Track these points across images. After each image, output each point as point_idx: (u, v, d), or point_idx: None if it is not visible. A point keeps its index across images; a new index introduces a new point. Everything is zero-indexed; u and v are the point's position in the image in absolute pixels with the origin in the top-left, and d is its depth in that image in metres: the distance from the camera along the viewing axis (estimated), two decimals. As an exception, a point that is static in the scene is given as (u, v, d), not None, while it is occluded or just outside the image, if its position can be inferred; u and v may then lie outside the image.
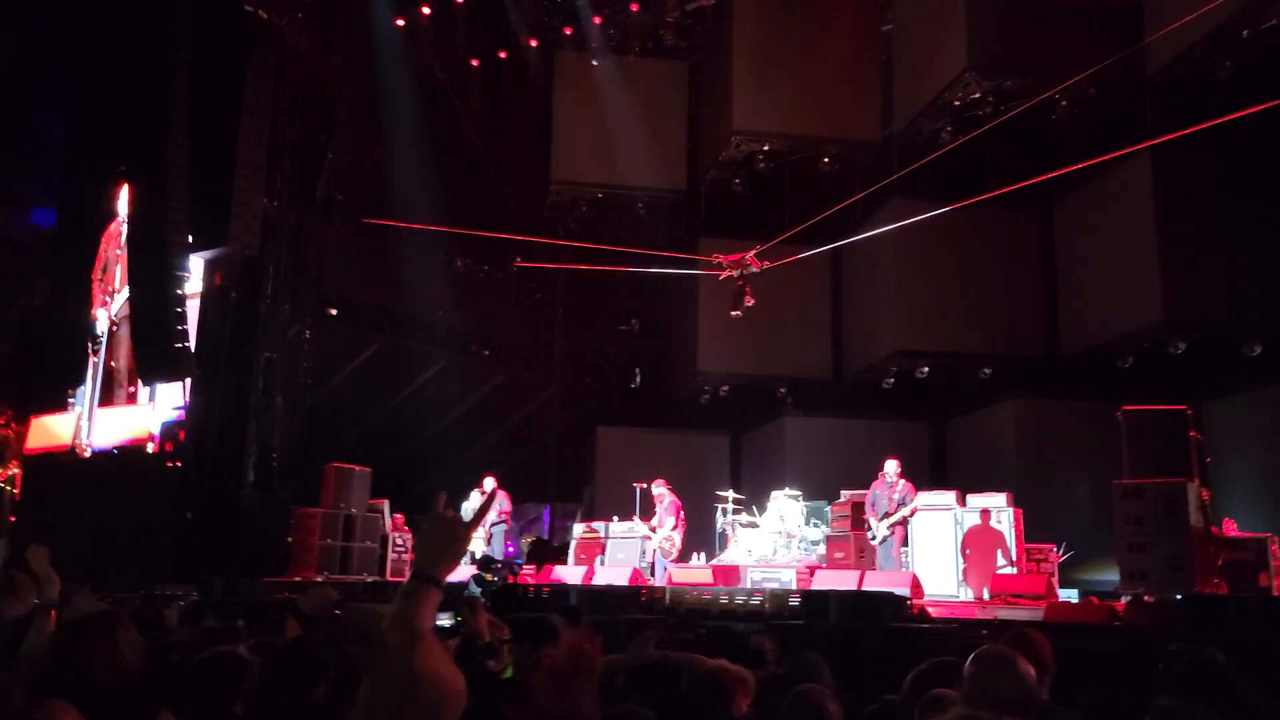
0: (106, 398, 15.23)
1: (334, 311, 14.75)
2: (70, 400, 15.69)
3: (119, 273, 15.38)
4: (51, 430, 15.45)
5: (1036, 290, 15.40)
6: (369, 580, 12.28)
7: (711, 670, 3.33)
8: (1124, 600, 8.09)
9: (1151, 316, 12.73)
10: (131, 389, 15.05)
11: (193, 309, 13.20)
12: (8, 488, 17.40)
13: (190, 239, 12.58)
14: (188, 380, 13.18)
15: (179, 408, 13.55)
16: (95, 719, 1.98)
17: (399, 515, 14.35)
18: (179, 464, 13.17)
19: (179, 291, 12.46)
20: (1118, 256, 13.52)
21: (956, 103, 14.11)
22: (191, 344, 12.66)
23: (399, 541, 13.83)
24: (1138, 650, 5.77)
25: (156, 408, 14.04)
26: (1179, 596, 7.37)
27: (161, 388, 13.84)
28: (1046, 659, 3.12)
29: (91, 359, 15.51)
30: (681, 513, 12.54)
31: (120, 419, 14.74)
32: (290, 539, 12.71)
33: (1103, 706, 4.05)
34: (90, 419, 15.16)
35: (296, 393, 13.63)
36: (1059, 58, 12.44)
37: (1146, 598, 7.85)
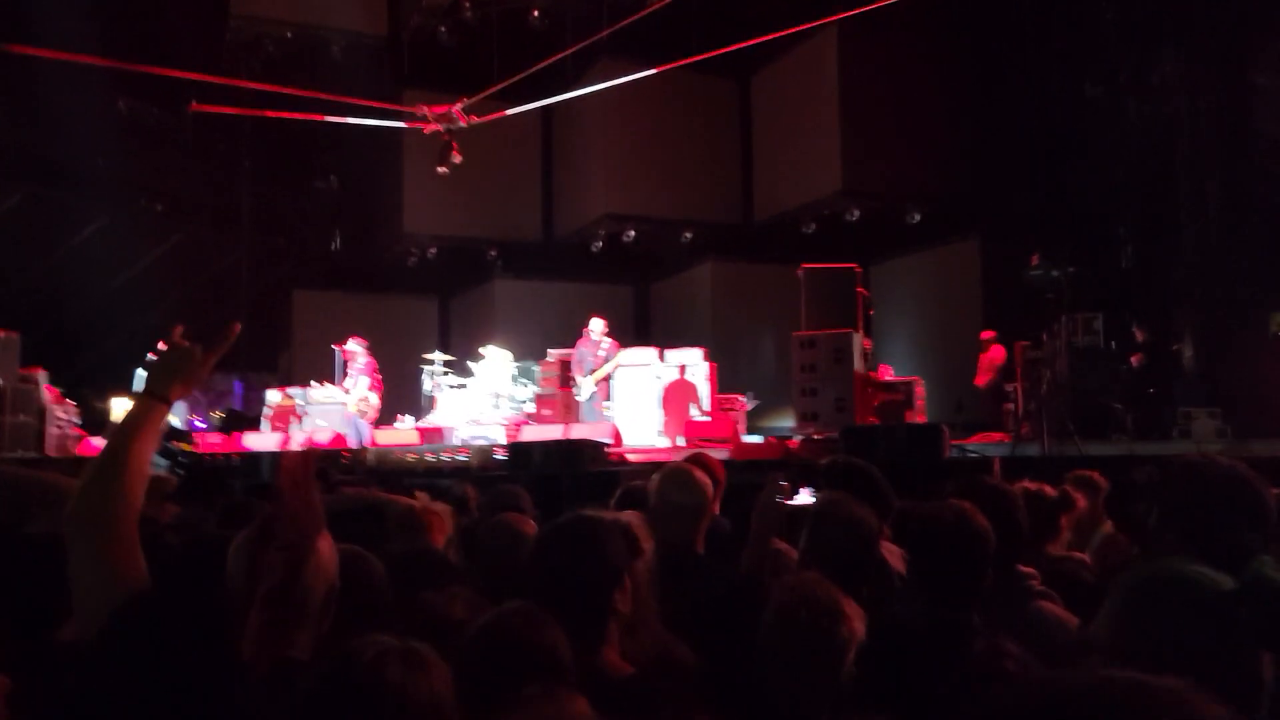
0: None
1: (-38, 154, 12.54)
2: None
3: None
4: None
5: (735, 158, 16.15)
6: (27, 458, 10.94)
7: (407, 506, 3.32)
8: (797, 439, 8.97)
9: (831, 186, 13.80)
10: None
11: None
12: None
13: None
14: None
15: None
16: None
17: (54, 389, 12.78)
18: None
19: None
20: (806, 128, 14.41)
21: (668, -40, 14.09)
22: None
23: (62, 415, 12.38)
24: (801, 471, 6.42)
25: None
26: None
27: None
28: (719, 474, 3.40)
29: None
30: (378, 374, 12.16)
31: None
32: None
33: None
34: None
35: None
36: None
37: (815, 435, 8.75)
